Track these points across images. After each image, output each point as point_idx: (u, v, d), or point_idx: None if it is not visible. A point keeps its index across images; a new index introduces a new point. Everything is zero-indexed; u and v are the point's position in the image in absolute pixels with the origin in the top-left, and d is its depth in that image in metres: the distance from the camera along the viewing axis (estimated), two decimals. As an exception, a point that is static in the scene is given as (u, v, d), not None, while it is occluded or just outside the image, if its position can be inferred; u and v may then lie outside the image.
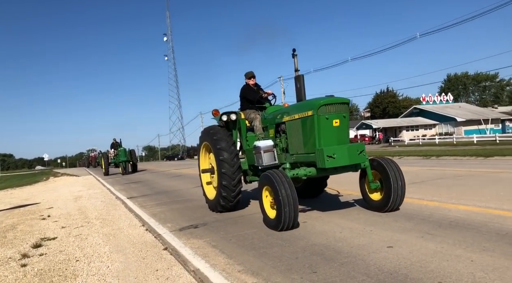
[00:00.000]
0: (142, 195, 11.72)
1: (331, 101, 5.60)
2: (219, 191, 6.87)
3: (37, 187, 20.36)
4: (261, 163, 6.34)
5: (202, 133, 7.61)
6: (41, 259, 5.11)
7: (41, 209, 10.28)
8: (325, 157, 5.37)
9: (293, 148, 6.19)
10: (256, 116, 7.29)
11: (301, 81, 6.73)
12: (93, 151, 54.19)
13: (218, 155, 6.76)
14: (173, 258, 4.66)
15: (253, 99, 7.36)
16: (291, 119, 6.12)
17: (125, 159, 25.82)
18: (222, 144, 6.80)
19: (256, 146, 6.43)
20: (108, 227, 7.01)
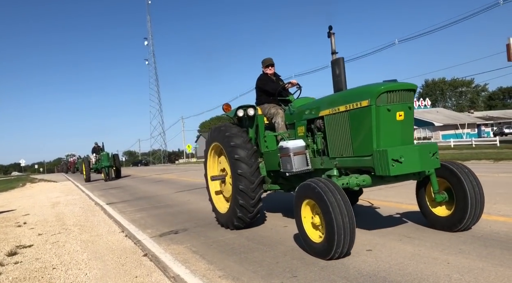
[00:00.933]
0: (121, 201, 11.56)
1: (395, 87, 4.27)
2: (235, 200, 5.57)
3: (13, 194, 19.83)
4: (290, 169, 5.05)
5: (211, 133, 6.37)
6: (16, 267, 4.98)
7: (16, 216, 10.02)
8: (389, 161, 4.07)
9: (335, 150, 4.84)
10: (277, 112, 6.03)
11: (341, 65, 5.42)
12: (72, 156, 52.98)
13: (233, 154, 5.55)
14: (153, 264, 4.61)
15: (273, 91, 6.16)
16: (333, 112, 4.77)
17: (108, 164, 23.78)
18: (237, 140, 5.62)
19: (283, 148, 5.14)
20: (86, 233, 6.88)
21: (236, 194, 5.53)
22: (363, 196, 8.01)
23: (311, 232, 4.30)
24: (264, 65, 6.48)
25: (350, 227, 3.84)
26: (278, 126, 5.97)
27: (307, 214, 4.35)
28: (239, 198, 5.47)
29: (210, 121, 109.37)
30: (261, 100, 6.36)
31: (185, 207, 9.01)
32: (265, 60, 6.49)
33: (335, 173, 4.74)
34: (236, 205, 5.56)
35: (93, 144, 27.04)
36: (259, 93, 6.42)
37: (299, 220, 4.41)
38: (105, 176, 23.53)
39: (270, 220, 6.45)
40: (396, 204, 6.95)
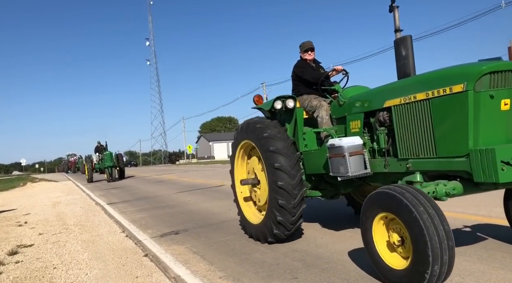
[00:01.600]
0: (122, 201, 11.56)
1: (500, 67, 3.32)
2: (272, 214, 4.69)
3: (13, 193, 19.86)
4: (344, 173, 4.11)
5: (242, 128, 5.47)
6: (17, 267, 4.98)
7: (17, 215, 10.03)
8: (498, 163, 3.11)
9: (407, 149, 3.87)
10: (320, 104, 5.14)
11: (408, 45, 4.32)
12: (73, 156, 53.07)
13: (272, 161, 4.65)
14: (153, 265, 4.61)
15: (314, 79, 5.29)
16: (407, 101, 3.80)
17: (111, 165, 22.39)
18: (278, 144, 4.70)
19: (334, 146, 4.21)
20: (87, 233, 6.88)
21: (274, 209, 4.63)
22: (364, 198, 8.02)
23: (387, 256, 3.34)
24: (302, 50, 5.60)
25: (450, 252, 2.89)
26: (322, 121, 5.05)
27: (381, 232, 3.36)
28: (278, 214, 4.57)
29: (211, 122, 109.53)
30: (299, 91, 5.49)
31: (186, 207, 9.02)
32: (304, 44, 5.59)
33: (418, 178, 3.62)
34: (272, 221, 4.70)
35: (95, 143, 25.79)
36: (296, 82, 5.59)
37: (369, 239, 3.42)
38: (108, 177, 22.36)
39: (270, 221, 6.44)
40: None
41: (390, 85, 4.28)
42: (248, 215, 5.52)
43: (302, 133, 5.11)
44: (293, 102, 5.03)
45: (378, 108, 4.21)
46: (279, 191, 4.55)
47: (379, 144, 4.24)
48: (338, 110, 4.90)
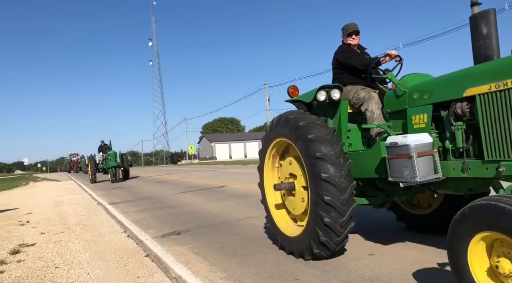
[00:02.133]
0: (124, 201, 11.58)
1: None
2: (316, 218, 3.90)
3: (16, 192, 19.91)
4: (410, 177, 3.38)
5: (273, 125, 4.64)
6: (19, 266, 5.00)
7: (19, 215, 10.06)
8: None
9: (498, 149, 3.12)
10: (370, 96, 4.42)
11: (491, 21, 3.53)
12: (75, 155, 53.14)
13: (318, 171, 3.83)
14: (155, 265, 4.62)
15: (363, 66, 4.55)
16: (498, 89, 3.07)
17: (115, 165, 21.51)
18: (324, 148, 3.87)
19: (398, 145, 3.47)
20: (89, 233, 6.90)
21: (319, 209, 3.84)
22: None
23: None
24: (345, 33, 4.88)
25: None
26: (372, 116, 4.34)
27: (481, 257, 2.60)
28: (324, 215, 3.79)
29: (213, 123, 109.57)
30: (342, 81, 4.72)
31: (187, 208, 9.02)
32: (347, 26, 4.88)
33: None
34: (318, 225, 3.87)
35: (98, 143, 24.87)
36: (338, 71, 4.86)
37: (461, 265, 2.64)
38: (112, 177, 21.48)
39: (272, 222, 6.44)
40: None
41: (471, 69, 3.50)
42: (280, 224, 4.72)
43: (346, 130, 4.43)
44: (339, 93, 4.34)
45: (455, 98, 3.44)
46: (325, 207, 3.79)
47: (454, 143, 3.46)
48: (394, 102, 4.10)
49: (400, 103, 4.02)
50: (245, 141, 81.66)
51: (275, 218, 4.83)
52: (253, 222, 6.59)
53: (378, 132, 4.25)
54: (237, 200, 9.59)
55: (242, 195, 10.66)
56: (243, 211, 7.81)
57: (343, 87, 4.54)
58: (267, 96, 50.95)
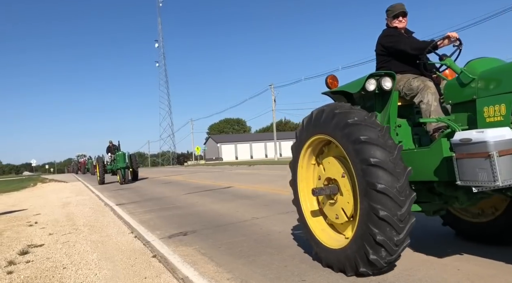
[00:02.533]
0: (131, 202, 11.65)
1: None
2: (367, 233, 3.30)
3: (24, 193, 20.10)
4: (490, 181, 2.81)
5: (311, 119, 3.98)
6: (28, 266, 5.05)
7: (28, 216, 10.15)
8: None
9: None
10: (426, 85, 3.78)
11: None
12: (83, 156, 53.45)
13: (371, 179, 3.23)
14: (161, 265, 4.64)
15: (416, 50, 3.92)
16: None
17: (124, 166, 20.84)
18: (380, 153, 3.26)
19: (471, 142, 2.92)
20: (96, 234, 6.95)
21: (371, 225, 3.25)
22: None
23: None
24: (390, 15, 4.25)
25: None
26: (429, 109, 3.70)
27: None
28: (377, 232, 3.21)
29: (219, 123, 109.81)
30: (389, 69, 4.02)
31: (194, 209, 9.05)
32: (393, 7, 4.24)
33: None
34: (368, 242, 3.30)
35: (106, 144, 24.23)
36: (384, 58, 4.22)
37: None
38: (121, 179, 20.83)
39: (278, 223, 6.45)
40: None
41: None
42: (320, 235, 4.07)
43: (396, 126, 3.86)
44: (391, 82, 3.77)
45: None
46: (378, 223, 3.20)
47: None
48: (458, 91, 3.55)
49: (467, 92, 3.46)
50: (251, 141, 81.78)
51: (310, 224, 4.22)
52: (259, 223, 6.60)
53: (436, 127, 3.66)
54: (243, 201, 9.61)
55: (248, 196, 10.67)
56: (249, 212, 7.83)
57: None
58: (273, 96, 50.98)
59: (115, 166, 21.88)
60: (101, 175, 21.77)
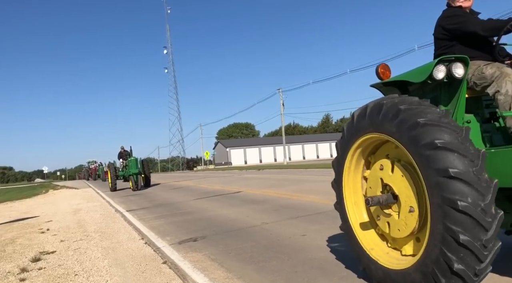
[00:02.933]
0: (141, 208, 11.70)
1: None
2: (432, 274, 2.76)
3: (36, 200, 20.32)
4: None
5: (376, 113, 3.19)
6: (40, 273, 5.09)
7: (40, 222, 10.26)
8: None
9: None
10: (503, 73, 3.18)
11: None
12: (94, 163, 53.91)
13: (449, 194, 2.62)
14: (172, 271, 4.65)
15: (489, 32, 3.32)
16: None
17: (136, 172, 20.37)
18: (460, 163, 2.63)
19: None
20: (107, 240, 6.99)
21: (447, 250, 2.66)
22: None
23: None
24: None
25: None
26: (509, 100, 3.12)
27: None
28: (454, 259, 2.63)
29: (227, 128, 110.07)
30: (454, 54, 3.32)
31: (204, 214, 9.06)
32: None
33: None
34: (441, 269, 2.71)
35: (118, 149, 23.70)
36: (446, 42, 3.62)
37: None
38: (133, 185, 20.20)
39: (288, 228, 6.43)
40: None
41: None
42: (373, 251, 3.47)
43: (463, 122, 3.27)
44: (463, 69, 3.11)
45: None
46: (457, 249, 2.62)
47: None
48: None
49: None
50: (260, 146, 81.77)
51: (359, 235, 3.64)
52: (269, 228, 6.58)
53: None
54: (252, 206, 9.60)
55: (258, 201, 10.66)
56: (258, 217, 7.81)
57: None
58: (281, 100, 50.96)
59: (127, 172, 21.48)
60: (112, 182, 21.24)
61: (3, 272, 5.35)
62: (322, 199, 9.69)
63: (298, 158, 79.24)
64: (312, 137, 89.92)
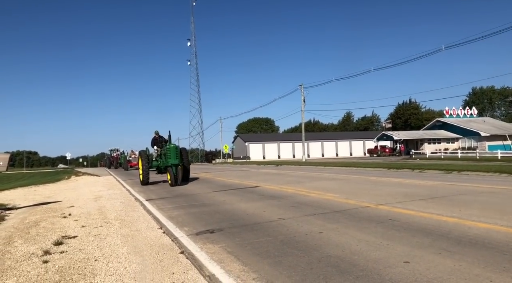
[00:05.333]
0: (160, 198, 11.88)
1: None
2: None
3: (59, 185, 20.85)
4: None
5: None
6: (62, 257, 5.25)
7: (62, 207, 10.54)
8: None
9: None
10: None
11: None
12: (116, 151, 54.63)
13: None
14: (189, 262, 4.73)
15: None
16: None
17: (177, 162, 16.07)
18: None
19: None
20: (126, 228, 7.14)
21: None
22: (401, 206, 7.86)
23: None
24: None
25: None
26: None
27: None
28: None
29: (247, 123, 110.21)
30: None
31: (221, 207, 9.14)
32: None
33: None
34: None
35: (152, 134, 18.58)
36: None
37: None
38: (172, 179, 15.81)
39: (305, 225, 6.44)
40: (436, 216, 6.73)
41: None
42: None
43: None
44: None
45: None
46: None
47: None
48: None
49: None
50: (279, 141, 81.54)
51: None
52: (286, 224, 6.60)
53: None
54: (270, 201, 9.63)
55: (275, 196, 10.68)
56: (275, 212, 7.84)
57: None
58: (303, 97, 50.62)
59: (163, 163, 17.09)
60: (145, 174, 17.14)
61: (27, 253, 5.54)
62: (340, 198, 9.64)
63: (317, 155, 78.69)
64: (332, 134, 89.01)
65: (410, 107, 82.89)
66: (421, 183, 12.97)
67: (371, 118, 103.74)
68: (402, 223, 6.26)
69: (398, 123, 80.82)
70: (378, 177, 16.65)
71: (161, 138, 18.42)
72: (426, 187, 11.60)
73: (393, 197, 9.44)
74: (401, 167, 22.68)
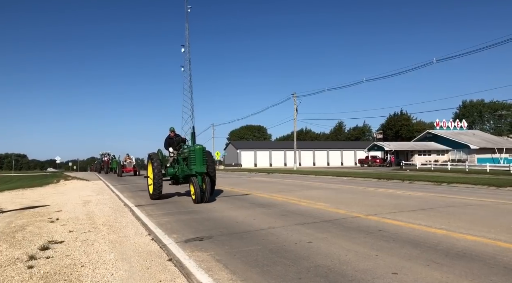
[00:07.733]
0: (150, 204, 11.78)
1: None
2: None
3: (47, 189, 20.59)
4: None
5: None
6: (48, 262, 5.17)
7: (50, 212, 10.40)
8: None
9: None
10: None
11: None
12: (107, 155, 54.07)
13: None
14: (177, 269, 4.68)
15: None
16: None
17: (203, 170, 11.72)
18: None
19: None
20: (114, 234, 7.06)
21: None
22: (391, 216, 7.90)
23: None
24: None
25: None
26: None
27: None
28: None
29: (239, 130, 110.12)
30: None
31: (211, 214, 9.09)
32: None
33: None
34: None
35: (167, 133, 13.97)
36: None
37: None
38: (198, 195, 11.30)
39: (295, 234, 6.43)
40: (425, 228, 6.76)
41: None
42: None
43: None
44: None
45: None
46: None
47: None
48: None
49: None
50: (270, 149, 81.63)
51: None
52: (276, 233, 6.58)
53: None
54: (260, 209, 9.60)
55: (266, 204, 10.66)
56: (266, 221, 7.82)
57: None
58: (295, 105, 50.85)
59: (182, 171, 12.72)
60: (157, 183, 12.64)
61: (12, 258, 5.44)
62: (330, 207, 9.65)
63: (308, 164, 78.83)
64: (323, 144, 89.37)
65: (401, 118, 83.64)
66: (411, 194, 13.04)
67: (362, 128, 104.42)
68: (391, 234, 6.28)
69: (389, 133, 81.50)
70: (369, 187, 16.71)
71: (178, 137, 13.97)
72: (416, 198, 11.67)
73: (383, 207, 9.48)
74: (391, 177, 22.79)
